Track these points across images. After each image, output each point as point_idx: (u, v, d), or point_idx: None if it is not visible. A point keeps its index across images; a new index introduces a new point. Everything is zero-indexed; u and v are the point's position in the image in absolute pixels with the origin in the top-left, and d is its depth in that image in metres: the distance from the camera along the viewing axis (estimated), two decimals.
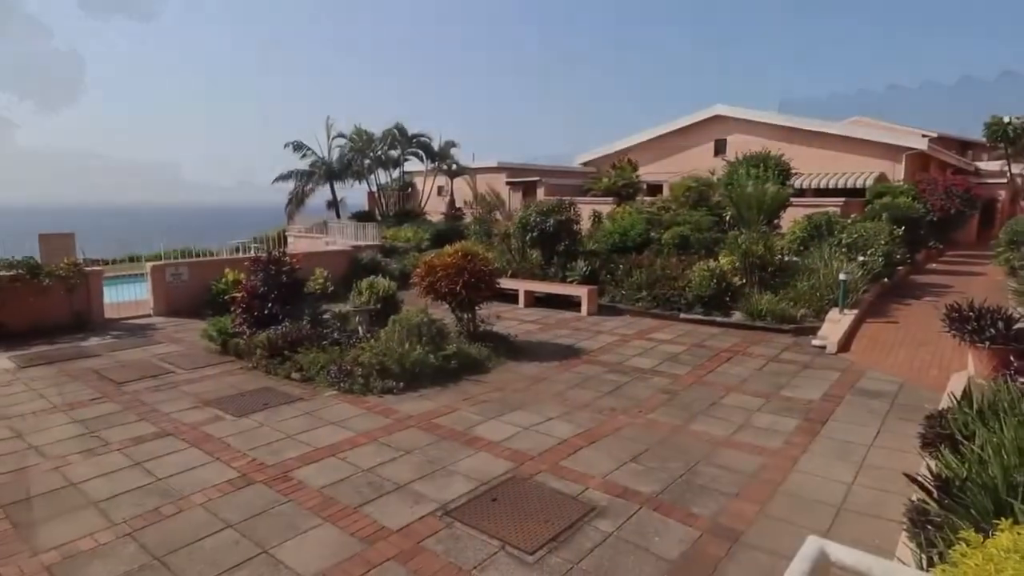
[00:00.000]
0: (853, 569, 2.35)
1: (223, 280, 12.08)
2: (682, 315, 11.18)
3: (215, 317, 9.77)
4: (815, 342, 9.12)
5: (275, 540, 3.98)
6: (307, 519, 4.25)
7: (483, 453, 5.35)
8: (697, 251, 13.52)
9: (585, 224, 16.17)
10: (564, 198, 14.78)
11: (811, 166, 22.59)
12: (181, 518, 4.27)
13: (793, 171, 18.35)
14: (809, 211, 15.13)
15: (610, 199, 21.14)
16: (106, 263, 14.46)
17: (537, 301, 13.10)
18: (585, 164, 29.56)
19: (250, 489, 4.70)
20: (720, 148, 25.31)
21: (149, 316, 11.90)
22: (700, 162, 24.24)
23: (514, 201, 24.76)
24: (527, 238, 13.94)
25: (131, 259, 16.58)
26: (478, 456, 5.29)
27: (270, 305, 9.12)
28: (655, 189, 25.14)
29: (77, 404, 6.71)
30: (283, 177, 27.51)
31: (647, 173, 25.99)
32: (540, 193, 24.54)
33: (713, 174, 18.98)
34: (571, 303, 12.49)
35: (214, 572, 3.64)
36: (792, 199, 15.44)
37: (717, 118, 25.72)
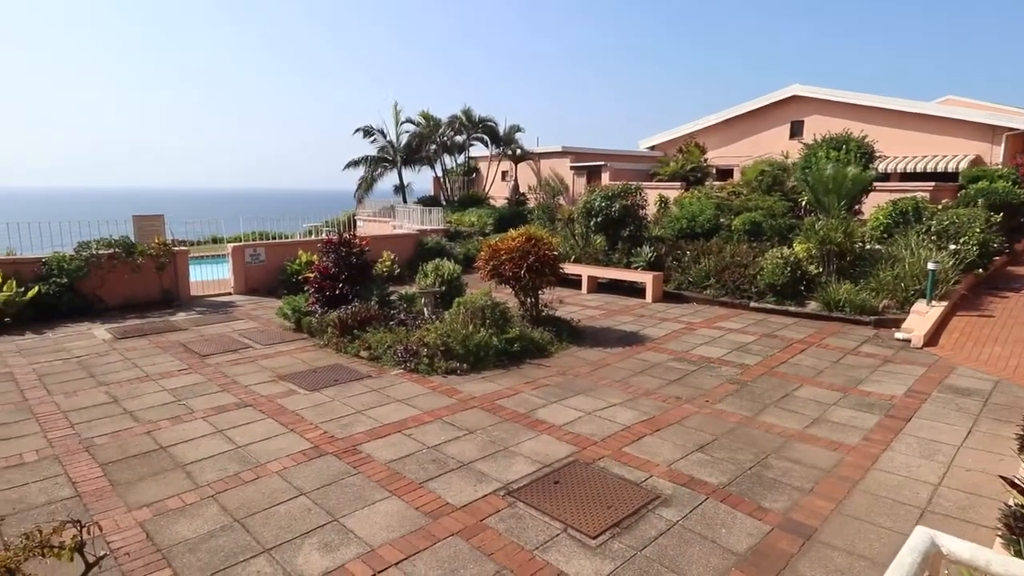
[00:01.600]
0: (969, 563, 2.16)
1: (297, 261, 12.60)
2: (752, 304, 10.78)
3: (289, 296, 10.21)
4: (898, 335, 8.59)
5: (345, 510, 4.14)
6: (374, 491, 4.39)
7: (545, 436, 5.36)
8: (770, 238, 12.97)
9: (651, 209, 15.83)
10: (630, 183, 14.47)
11: (897, 148, 21.14)
12: (259, 484, 4.51)
13: (877, 154, 17.22)
14: (894, 196, 14.19)
15: (677, 184, 20.57)
16: (192, 244, 15.34)
17: (600, 287, 12.96)
18: (651, 148, 28.86)
19: (321, 460, 4.90)
20: (796, 130, 24.07)
21: (229, 294, 12.56)
22: (774, 145, 23.15)
23: (578, 186, 24.50)
24: (591, 223, 13.78)
25: (214, 240, 17.53)
26: (540, 439, 5.30)
27: (341, 285, 9.44)
28: (725, 174, 24.26)
29: (166, 374, 7.18)
30: (353, 163, 28.26)
31: (716, 157, 25.09)
32: (605, 178, 24.16)
33: (788, 157, 18.11)
34: (635, 290, 12.28)
35: (289, 536, 3.83)
36: (876, 183, 14.51)
37: (794, 99, 24.45)
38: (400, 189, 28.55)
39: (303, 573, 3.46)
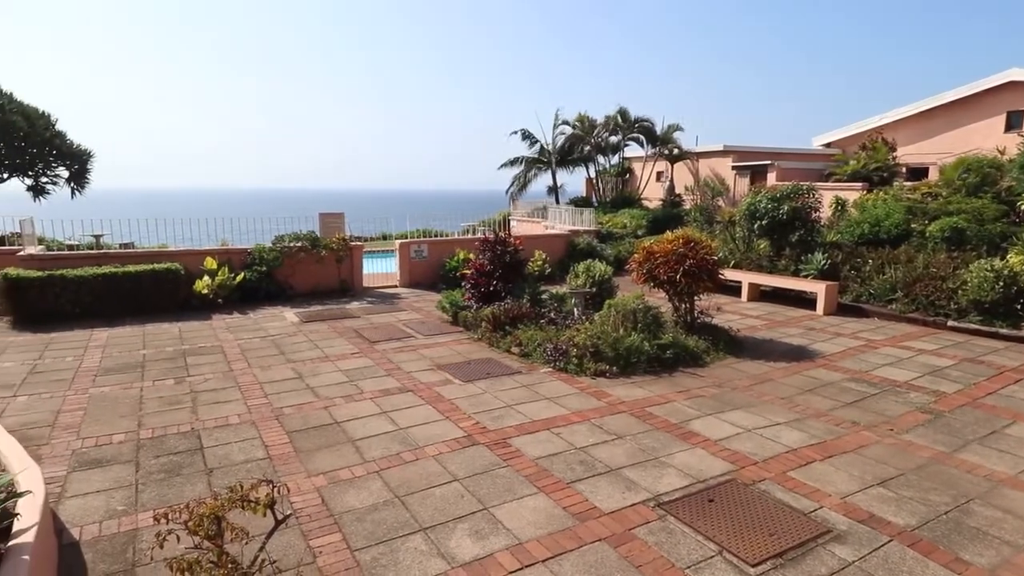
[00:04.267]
0: None
1: (455, 258, 13.29)
2: (950, 323, 9.35)
3: (447, 290, 10.78)
4: None
5: (494, 500, 4.26)
6: (523, 486, 4.46)
7: (699, 450, 5.09)
8: (976, 247, 11.15)
9: (825, 212, 14.39)
10: (800, 183, 13.27)
11: None
12: (417, 465, 4.80)
13: None
14: None
15: (858, 184, 18.48)
16: (365, 240, 16.85)
17: (763, 295, 12.06)
18: (826, 146, 26.26)
19: (473, 449, 5.09)
20: (1015, 122, 20.45)
21: (395, 287, 13.60)
22: (983, 140, 19.91)
23: (740, 187, 23.04)
24: (754, 226, 12.86)
25: (383, 237, 19.10)
26: (693, 452, 5.04)
27: (495, 282, 9.78)
28: (918, 173, 21.35)
29: (341, 356, 7.94)
30: (508, 164, 29.22)
31: (907, 154, 22.16)
32: (771, 178, 22.44)
33: (1003, 153, 15.44)
34: (802, 300, 11.26)
35: (442, 519, 4.02)
36: None
37: (1011, 85, 20.79)
38: (553, 190, 28.95)
39: (455, 556, 3.61)
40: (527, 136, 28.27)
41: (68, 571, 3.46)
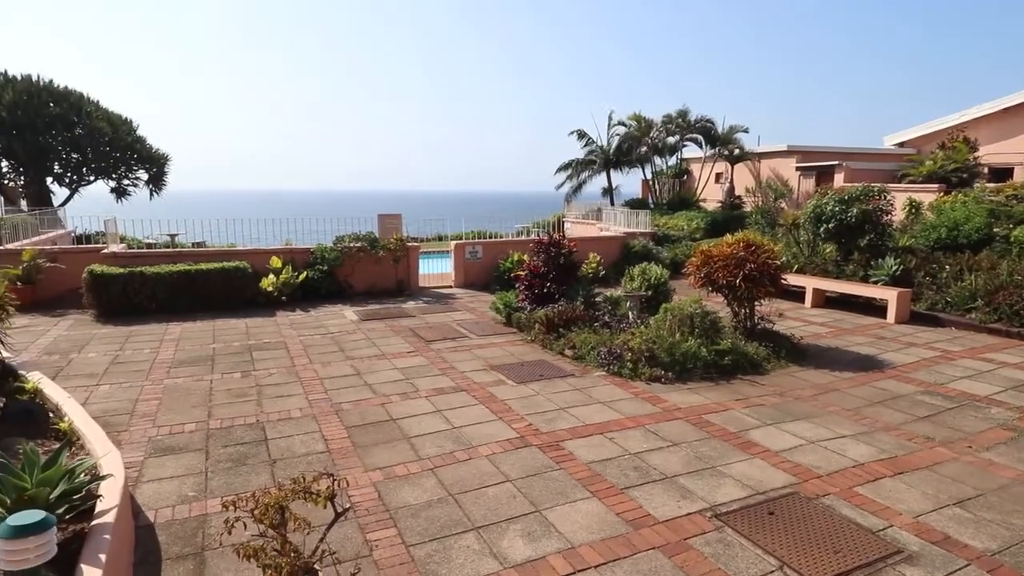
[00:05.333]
0: None
1: (509, 259, 13.35)
2: None
3: (501, 292, 10.84)
4: None
5: (546, 502, 4.25)
6: (576, 489, 4.43)
7: (758, 460, 4.93)
8: None
9: (898, 215, 13.68)
10: (871, 184, 12.66)
11: None
12: (470, 464, 4.85)
13: None
14: None
15: (934, 186, 17.49)
16: (421, 240, 17.16)
17: (828, 301, 11.57)
18: (899, 145, 24.95)
19: (526, 451, 5.10)
20: None
21: (450, 287, 13.78)
22: None
23: (804, 188, 22.18)
24: (820, 229, 12.36)
25: (439, 238, 19.39)
26: (753, 463, 4.89)
27: (548, 284, 9.77)
28: (1001, 174, 19.98)
29: (397, 355, 8.11)
30: (564, 166, 29.13)
31: (991, 154, 20.78)
32: (838, 179, 21.50)
33: None
34: (872, 307, 10.73)
35: (495, 519, 4.04)
36: None
37: None
38: (608, 191, 28.68)
39: (507, 556, 3.62)
40: (583, 135, 28.13)
41: (144, 551, 3.67)
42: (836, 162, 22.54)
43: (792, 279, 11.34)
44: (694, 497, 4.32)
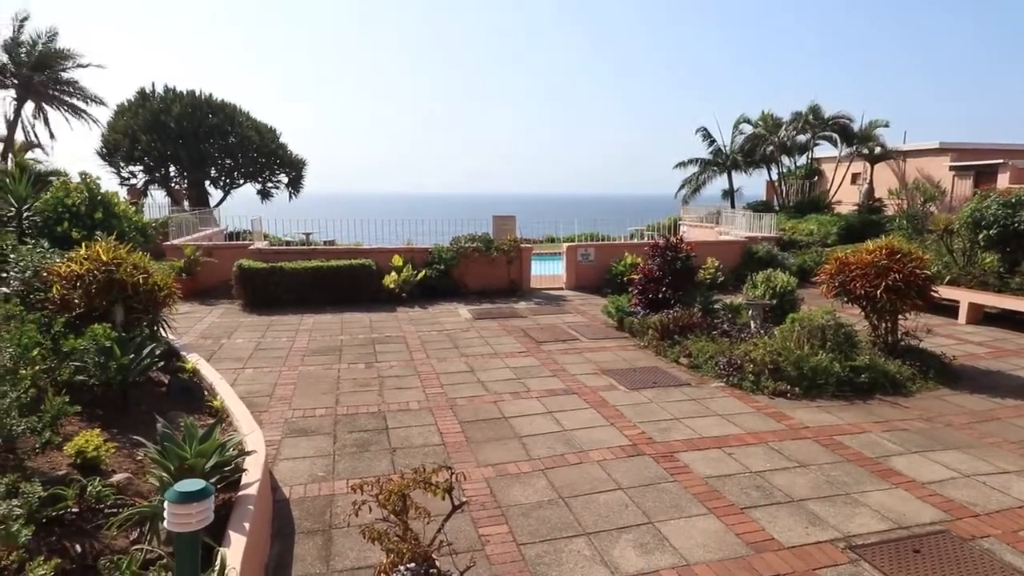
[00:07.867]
0: None
1: (622, 262, 13.12)
2: None
3: (613, 295, 10.68)
4: None
5: (661, 515, 4.11)
6: (691, 504, 4.25)
7: (900, 491, 4.45)
8: None
9: None
10: None
11: None
12: (581, 469, 4.80)
13: None
14: None
15: None
16: (533, 242, 17.34)
17: (987, 318, 10.26)
18: None
19: (639, 459, 4.97)
20: None
21: (561, 289, 13.79)
22: None
23: (959, 190, 19.85)
24: (979, 236, 10.96)
25: (550, 240, 19.48)
26: (894, 492, 4.43)
27: (664, 289, 9.48)
28: None
29: (509, 354, 8.24)
30: (682, 164, 28.19)
31: None
32: (1002, 180, 19.00)
33: None
34: None
35: (606, 526, 3.97)
36: None
37: None
38: (729, 193, 27.40)
39: (619, 566, 3.54)
40: (707, 135, 27.05)
41: (280, 524, 4.00)
42: (999, 161, 19.95)
43: (944, 291, 10.14)
44: (824, 524, 3.99)
